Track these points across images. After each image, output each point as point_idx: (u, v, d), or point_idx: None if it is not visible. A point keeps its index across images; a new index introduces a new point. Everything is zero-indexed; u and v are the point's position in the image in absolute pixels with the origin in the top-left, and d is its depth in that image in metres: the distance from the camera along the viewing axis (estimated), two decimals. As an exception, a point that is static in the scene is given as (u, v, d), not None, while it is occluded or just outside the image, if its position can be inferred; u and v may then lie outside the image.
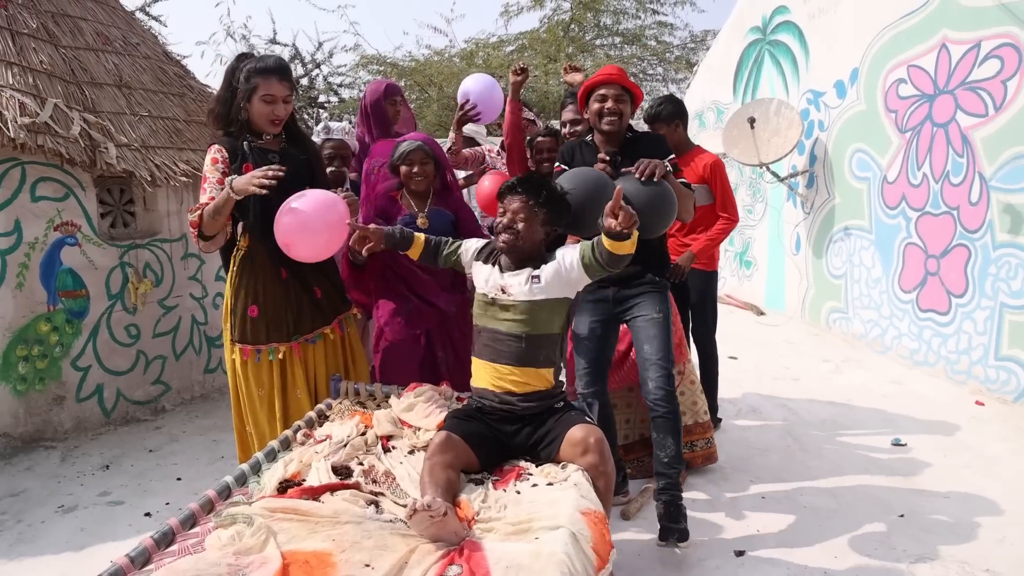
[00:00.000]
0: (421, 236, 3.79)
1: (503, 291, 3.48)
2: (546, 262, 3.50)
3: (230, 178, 3.80)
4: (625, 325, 4.45)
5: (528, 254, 3.53)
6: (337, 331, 4.30)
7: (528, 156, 5.36)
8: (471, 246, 3.76)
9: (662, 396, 4.07)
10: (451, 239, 3.83)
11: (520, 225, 3.47)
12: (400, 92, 5.79)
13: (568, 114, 5.27)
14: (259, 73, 3.98)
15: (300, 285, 4.13)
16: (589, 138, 4.36)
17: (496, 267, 3.57)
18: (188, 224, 4.08)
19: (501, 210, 3.53)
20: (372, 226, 3.69)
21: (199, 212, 3.87)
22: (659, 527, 4.10)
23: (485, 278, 3.58)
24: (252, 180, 3.65)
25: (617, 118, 4.14)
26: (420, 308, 4.54)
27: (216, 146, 4.00)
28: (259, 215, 4.01)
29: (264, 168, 3.69)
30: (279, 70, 4.07)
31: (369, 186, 4.74)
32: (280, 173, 3.68)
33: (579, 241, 3.51)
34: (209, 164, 3.97)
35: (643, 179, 3.74)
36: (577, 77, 5.48)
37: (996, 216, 6.43)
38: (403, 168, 4.46)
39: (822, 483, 4.90)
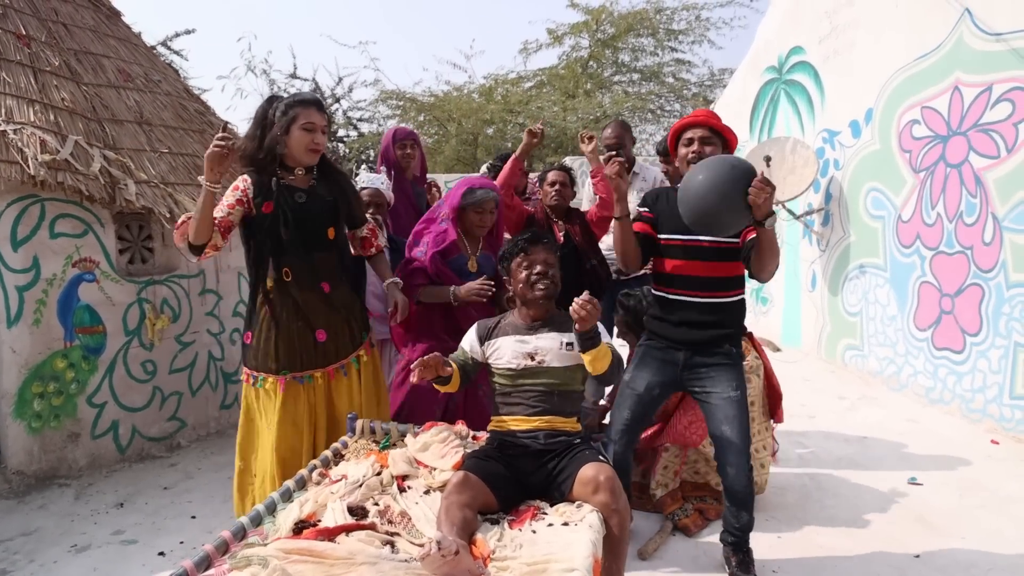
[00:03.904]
0: (456, 372, 3.67)
1: (532, 358, 3.57)
2: (565, 318, 3.60)
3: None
4: (688, 395, 4.33)
5: (554, 304, 3.67)
6: (329, 377, 4.27)
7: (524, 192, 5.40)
8: (471, 339, 3.79)
9: (741, 482, 3.96)
10: (458, 355, 3.80)
11: (552, 271, 3.62)
12: (408, 135, 5.83)
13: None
14: (298, 104, 4.10)
15: (298, 327, 4.16)
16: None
17: (513, 335, 3.66)
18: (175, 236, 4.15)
19: (527, 263, 3.58)
20: (436, 358, 3.53)
21: (184, 218, 4.03)
22: None
23: (511, 353, 3.62)
24: (207, 171, 3.76)
25: None
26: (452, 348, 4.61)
27: (243, 176, 4.08)
28: (269, 251, 4.08)
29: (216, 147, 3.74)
30: (316, 101, 4.21)
31: (436, 235, 4.78)
32: (224, 143, 3.74)
33: None
34: (230, 190, 4.06)
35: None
36: (590, 147, 5.32)
37: (1009, 256, 6.42)
38: (474, 214, 4.51)
39: (838, 522, 4.87)
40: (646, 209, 4.19)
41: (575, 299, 3.28)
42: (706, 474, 5.04)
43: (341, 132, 21.95)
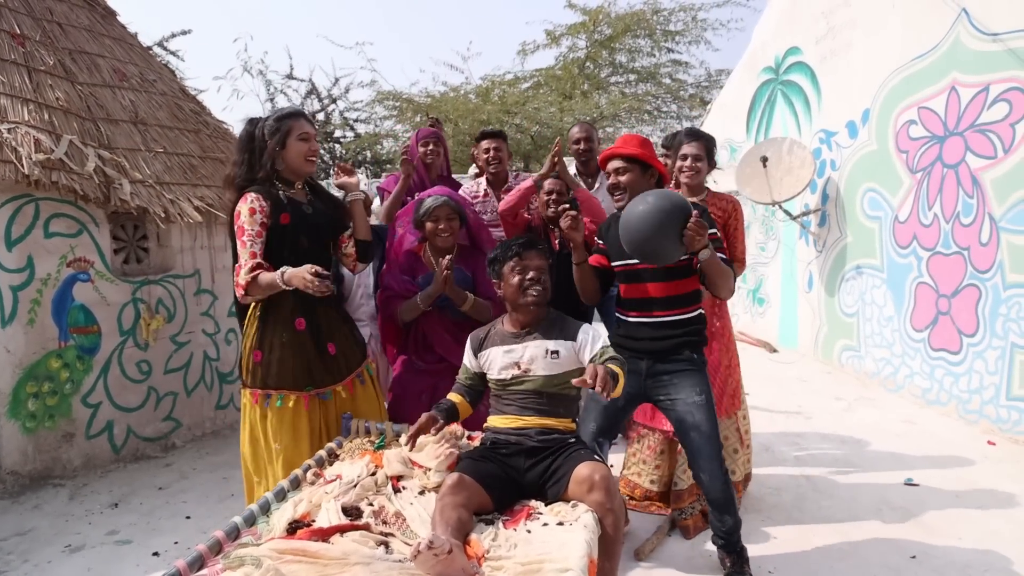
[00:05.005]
0: (458, 397, 3.78)
1: (519, 367, 3.58)
2: (552, 322, 3.66)
3: (282, 270, 3.76)
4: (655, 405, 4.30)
5: (546, 310, 3.69)
6: (349, 390, 4.25)
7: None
8: (468, 355, 3.84)
9: (717, 488, 3.95)
10: (462, 375, 3.88)
11: (544, 277, 3.62)
12: (431, 134, 5.82)
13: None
14: (288, 117, 4.09)
15: (314, 339, 4.12)
16: None
17: (501, 345, 3.68)
18: (234, 285, 4.05)
19: (520, 268, 3.59)
20: (425, 421, 3.57)
21: (249, 277, 3.83)
22: None
23: (500, 364, 3.65)
24: (308, 284, 3.63)
25: (623, 193, 4.01)
26: (429, 367, 4.59)
27: (253, 195, 3.93)
28: (290, 264, 4.04)
29: (318, 278, 3.64)
30: (303, 113, 4.22)
31: (394, 251, 4.77)
32: (328, 286, 3.69)
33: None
34: (247, 215, 3.89)
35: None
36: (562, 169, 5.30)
37: (1006, 256, 6.42)
38: (428, 224, 4.47)
39: (834, 523, 4.86)
40: (600, 241, 4.28)
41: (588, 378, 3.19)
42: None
43: (338, 133, 21.93)
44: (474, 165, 6.78)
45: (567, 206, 4.07)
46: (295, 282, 3.70)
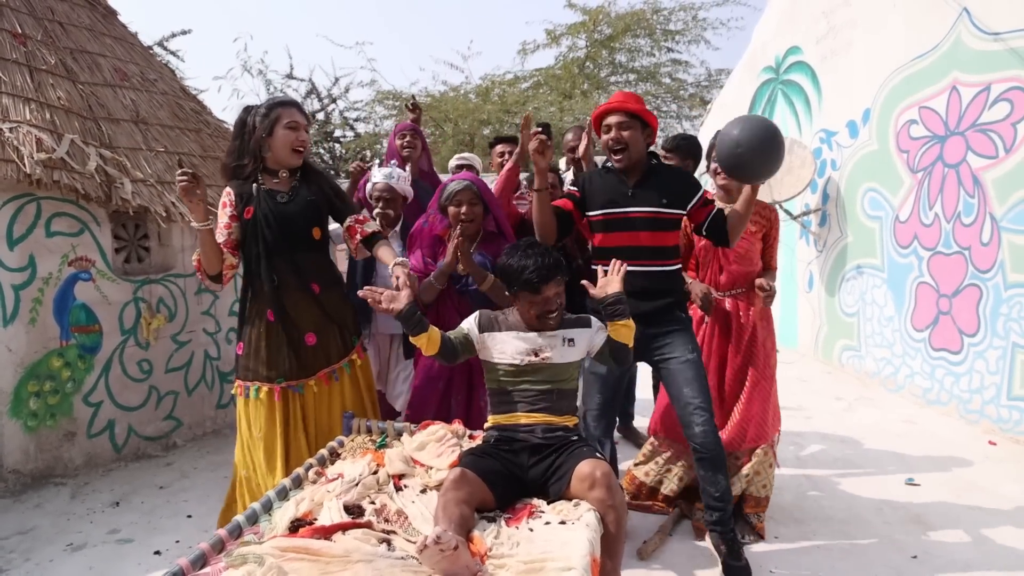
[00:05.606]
0: (437, 332, 3.59)
1: (536, 355, 3.56)
2: (563, 319, 3.65)
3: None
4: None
5: None
6: (324, 383, 4.29)
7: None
8: (472, 323, 3.72)
9: (711, 441, 3.96)
10: (453, 332, 3.73)
11: (560, 299, 3.59)
12: (408, 127, 5.83)
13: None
14: (279, 105, 4.16)
15: (288, 331, 4.17)
16: (610, 164, 4.18)
17: (516, 331, 3.64)
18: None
19: (540, 300, 3.52)
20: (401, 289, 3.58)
21: (197, 255, 4.09)
22: (721, 564, 4.08)
23: (513, 349, 3.60)
24: (180, 191, 3.87)
25: (623, 148, 4.02)
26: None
27: (227, 189, 4.16)
28: (256, 256, 4.09)
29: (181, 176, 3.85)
30: (296, 102, 4.27)
31: (423, 235, 4.78)
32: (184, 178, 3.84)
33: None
34: (220, 207, 4.16)
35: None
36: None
37: (1007, 256, 6.41)
38: (451, 209, 4.48)
39: (835, 523, 4.86)
40: (575, 188, 4.30)
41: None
42: (761, 487, 4.79)
43: (338, 132, 21.91)
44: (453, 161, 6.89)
45: (540, 130, 4.06)
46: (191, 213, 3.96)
